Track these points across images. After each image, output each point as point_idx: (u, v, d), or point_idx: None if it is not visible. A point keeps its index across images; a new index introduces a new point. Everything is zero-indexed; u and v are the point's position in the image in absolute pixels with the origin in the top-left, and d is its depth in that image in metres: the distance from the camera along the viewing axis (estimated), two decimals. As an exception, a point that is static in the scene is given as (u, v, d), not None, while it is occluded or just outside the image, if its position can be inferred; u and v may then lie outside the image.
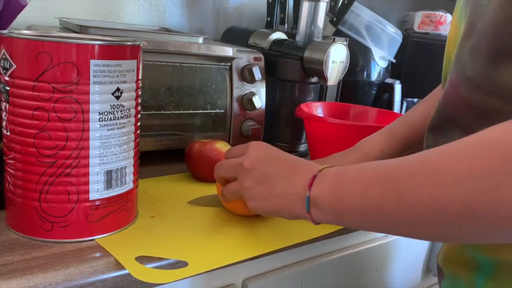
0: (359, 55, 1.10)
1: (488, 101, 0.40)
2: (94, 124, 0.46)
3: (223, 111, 0.81)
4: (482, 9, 0.41)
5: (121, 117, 0.49)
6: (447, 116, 0.45)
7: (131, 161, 0.52)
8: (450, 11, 1.17)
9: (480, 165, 0.32)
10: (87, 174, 0.47)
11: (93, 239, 0.49)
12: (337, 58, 0.83)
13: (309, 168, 0.46)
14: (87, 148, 0.47)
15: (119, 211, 0.51)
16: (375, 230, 0.43)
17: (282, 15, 1.08)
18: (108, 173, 0.49)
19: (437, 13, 1.26)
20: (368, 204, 0.39)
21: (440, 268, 0.51)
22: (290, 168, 0.48)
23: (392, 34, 1.14)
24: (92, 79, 0.45)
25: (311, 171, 0.46)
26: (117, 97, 0.48)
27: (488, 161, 0.32)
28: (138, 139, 0.53)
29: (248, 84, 0.83)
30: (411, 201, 0.35)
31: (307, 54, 0.85)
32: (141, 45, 0.50)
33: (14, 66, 0.44)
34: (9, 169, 0.48)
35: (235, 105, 0.82)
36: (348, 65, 0.87)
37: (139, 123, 0.53)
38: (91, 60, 0.45)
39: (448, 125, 0.45)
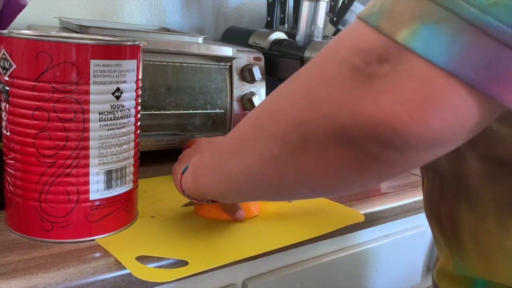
0: (359, 55, 1.09)
1: None
2: (94, 124, 0.46)
3: (223, 111, 0.81)
4: None
5: (121, 117, 0.49)
6: None
7: (131, 161, 0.52)
8: (450, 11, 1.17)
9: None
10: (87, 174, 0.47)
11: (93, 239, 0.49)
12: (337, 58, 0.83)
13: None
14: (87, 148, 0.47)
15: (119, 211, 0.51)
16: (220, 191, 0.44)
17: (282, 15, 1.08)
18: (108, 173, 0.49)
19: (437, 13, 1.26)
20: (217, 159, 0.44)
21: (436, 284, 0.51)
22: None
23: (392, 34, 1.14)
24: (92, 79, 0.45)
25: None
26: (117, 97, 0.48)
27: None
28: (138, 139, 0.53)
29: (248, 84, 0.83)
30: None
31: (307, 54, 0.85)
32: (141, 45, 0.50)
33: (14, 66, 0.44)
34: (9, 169, 0.48)
35: (235, 105, 0.82)
36: (348, 65, 0.86)
37: (139, 123, 0.53)
38: (91, 60, 0.45)
39: None
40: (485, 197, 0.40)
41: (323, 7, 0.86)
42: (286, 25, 1.08)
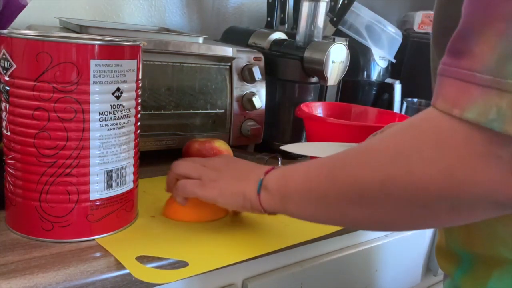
0: (359, 55, 1.09)
1: None
2: (94, 124, 0.46)
3: (223, 111, 0.81)
4: None
5: (121, 117, 0.49)
6: None
7: (131, 161, 0.52)
8: (450, 11, 1.17)
9: (394, 144, 0.34)
10: (87, 174, 0.47)
11: (93, 239, 0.49)
12: (337, 58, 0.83)
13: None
14: (87, 148, 0.47)
15: (119, 211, 0.51)
16: (314, 218, 0.44)
17: (282, 15, 1.08)
18: (108, 173, 0.49)
19: (437, 13, 1.26)
20: (307, 186, 0.42)
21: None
22: (256, 166, 0.52)
23: (392, 34, 1.14)
24: (92, 79, 0.45)
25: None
26: (117, 97, 0.48)
27: (400, 140, 0.34)
28: (138, 139, 0.53)
29: (248, 84, 0.83)
30: (339, 180, 0.38)
31: (307, 54, 0.85)
32: (141, 45, 0.50)
33: (14, 66, 0.44)
34: (9, 169, 0.48)
35: (235, 105, 0.82)
36: (348, 65, 0.87)
37: (139, 123, 0.53)
38: (91, 60, 0.45)
39: None
40: None
41: (323, 7, 0.86)
42: (286, 25, 1.08)
